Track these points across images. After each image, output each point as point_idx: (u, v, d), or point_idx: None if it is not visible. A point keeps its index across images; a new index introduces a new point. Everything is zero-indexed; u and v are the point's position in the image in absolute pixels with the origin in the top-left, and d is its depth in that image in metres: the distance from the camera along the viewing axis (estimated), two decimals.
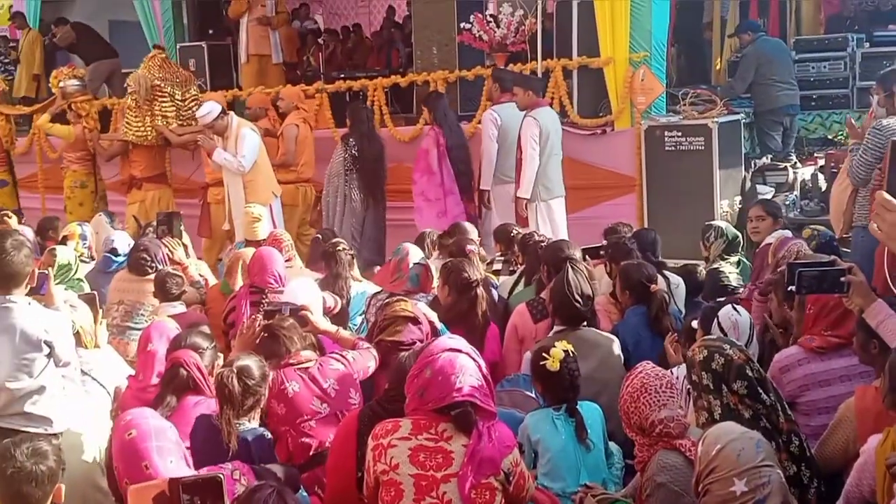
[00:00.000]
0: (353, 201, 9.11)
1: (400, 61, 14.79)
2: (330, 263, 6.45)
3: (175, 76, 10.62)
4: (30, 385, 4.21)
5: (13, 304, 4.25)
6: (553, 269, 5.64)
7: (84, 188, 11.42)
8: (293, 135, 9.72)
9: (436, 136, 8.91)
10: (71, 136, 11.34)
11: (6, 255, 4.25)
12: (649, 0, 8.97)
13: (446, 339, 3.69)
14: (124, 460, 3.39)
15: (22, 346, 4.20)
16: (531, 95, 8.30)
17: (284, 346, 4.44)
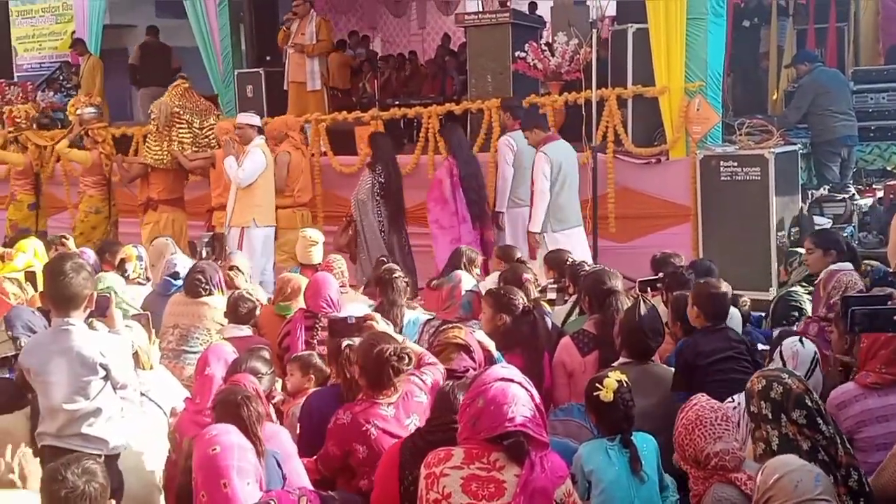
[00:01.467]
0: (383, 227, 9.40)
1: (454, 89, 14.88)
2: (385, 290, 6.43)
3: (195, 105, 10.90)
4: (86, 407, 4.25)
5: (72, 326, 4.30)
6: (594, 300, 5.61)
7: (98, 213, 11.73)
8: (285, 161, 9.99)
9: (449, 167, 9.16)
10: (87, 162, 11.66)
11: (65, 277, 4.31)
12: (705, 29, 8.95)
13: (499, 369, 3.68)
14: (204, 474, 3.41)
15: (78, 369, 4.24)
16: (539, 133, 8.60)
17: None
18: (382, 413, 4.28)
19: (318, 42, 12.12)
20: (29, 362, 4.34)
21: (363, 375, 4.34)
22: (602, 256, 8.70)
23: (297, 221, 9.95)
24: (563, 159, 8.55)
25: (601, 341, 5.34)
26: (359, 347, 4.44)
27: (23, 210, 12.60)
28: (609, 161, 9.30)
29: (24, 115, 12.96)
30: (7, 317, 5.42)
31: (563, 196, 8.56)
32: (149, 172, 10.72)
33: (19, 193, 12.69)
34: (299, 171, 10.11)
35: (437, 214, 9.18)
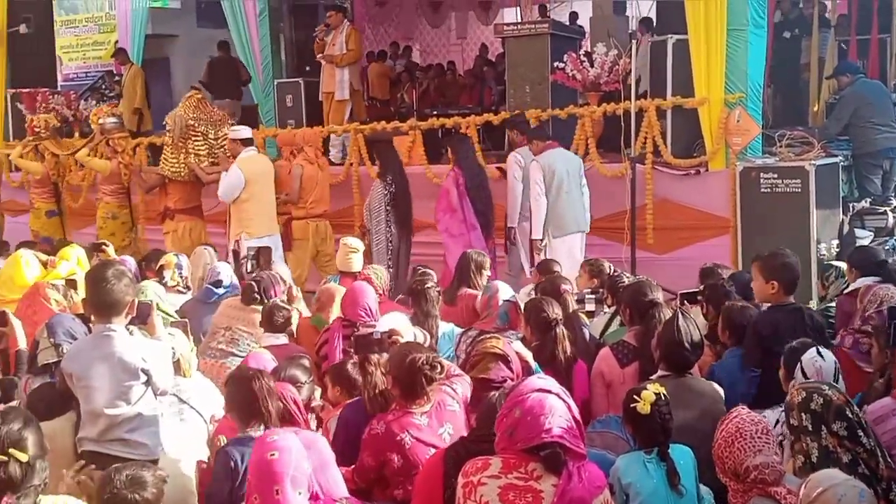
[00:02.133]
0: (391, 236, 9.49)
1: (492, 99, 14.90)
2: (419, 301, 6.42)
3: (210, 116, 10.99)
4: (127, 412, 4.31)
5: (113, 332, 4.36)
6: (635, 311, 5.59)
7: (115, 219, 11.95)
8: (298, 174, 10.14)
9: (455, 177, 9.17)
10: (106, 170, 11.87)
11: (107, 283, 4.37)
12: (745, 40, 8.90)
13: (536, 380, 3.67)
14: (259, 477, 3.42)
15: (120, 374, 4.30)
16: (537, 144, 8.86)
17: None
18: (416, 422, 4.29)
19: (348, 52, 12.17)
20: (71, 368, 4.40)
21: (396, 385, 4.36)
22: (640, 268, 8.67)
23: (310, 233, 10.13)
24: (558, 167, 8.70)
25: (641, 353, 5.31)
26: (391, 358, 4.46)
27: (41, 218, 12.88)
28: (648, 172, 9.26)
29: (44, 125, 13.17)
30: (49, 323, 5.49)
31: (560, 203, 8.72)
32: (166, 183, 10.90)
33: (37, 201, 12.98)
34: (313, 184, 10.22)
35: (447, 223, 9.19)
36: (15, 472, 3.41)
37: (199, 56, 19.25)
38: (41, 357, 5.32)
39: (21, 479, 3.41)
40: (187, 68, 19.56)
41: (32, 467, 3.45)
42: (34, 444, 3.50)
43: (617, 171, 9.35)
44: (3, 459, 3.40)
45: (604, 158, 9.58)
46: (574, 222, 8.86)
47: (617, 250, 9.08)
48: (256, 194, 9.67)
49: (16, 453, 3.41)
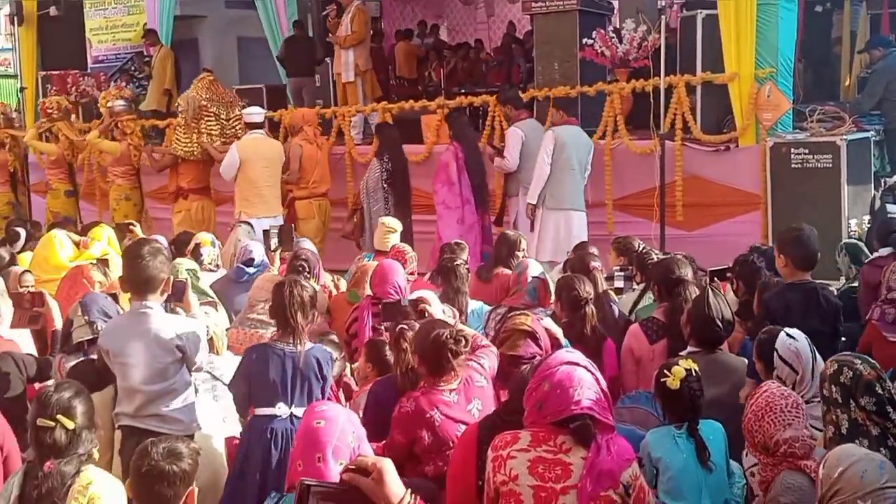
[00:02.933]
0: (388, 214, 9.57)
1: (521, 77, 14.85)
2: (449, 278, 6.45)
3: (221, 97, 11.20)
4: (163, 387, 4.38)
5: (149, 310, 4.43)
6: (664, 288, 5.60)
7: (128, 200, 12.14)
8: (297, 154, 10.33)
9: (455, 151, 9.49)
10: (117, 152, 12.02)
11: (143, 260, 4.44)
12: (776, 15, 8.84)
13: (564, 353, 3.68)
14: (304, 445, 3.46)
15: (156, 351, 4.37)
16: (561, 114, 9.14)
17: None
18: (445, 399, 4.32)
19: (352, 33, 12.13)
20: (108, 344, 4.48)
21: (423, 363, 4.38)
22: (670, 245, 8.65)
23: (315, 212, 10.35)
24: (569, 142, 8.88)
25: (670, 329, 5.32)
26: (415, 336, 4.48)
27: (60, 198, 13.05)
28: (677, 149, 9.22)
29: (56, 106, 13.26)
30: (83, 302, 5.54)
31: (564, 177, 8.89)
32: (178, 163, 11.09)
33: (54, 182, 13.14)
34: (314, 163, 10.40)
35: (444, 196, 9.48)
36: (60, 438, 3.53)
37: (228, 36, 19.30)
38: (76, 335, 5.38)
39: (66, 446, 3.53)
40: (216, 49, 19.57)
41: (78, 436, 3.56)
42: (83, 415, 3.60)
43: (646, 147, 9.31)
44: (51, 424, 3.52)
45: (633, 135, 9.55)
46: (574, 199, 9.01)
47: (646, 227, 9.07)
48: (251, 176, 9.97)
49: (63, 420, 3.53)
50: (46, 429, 3.54)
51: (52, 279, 7.00)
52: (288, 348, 4.41)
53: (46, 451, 3.54)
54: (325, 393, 4.53)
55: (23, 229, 9.28)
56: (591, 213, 9.69)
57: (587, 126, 9.89)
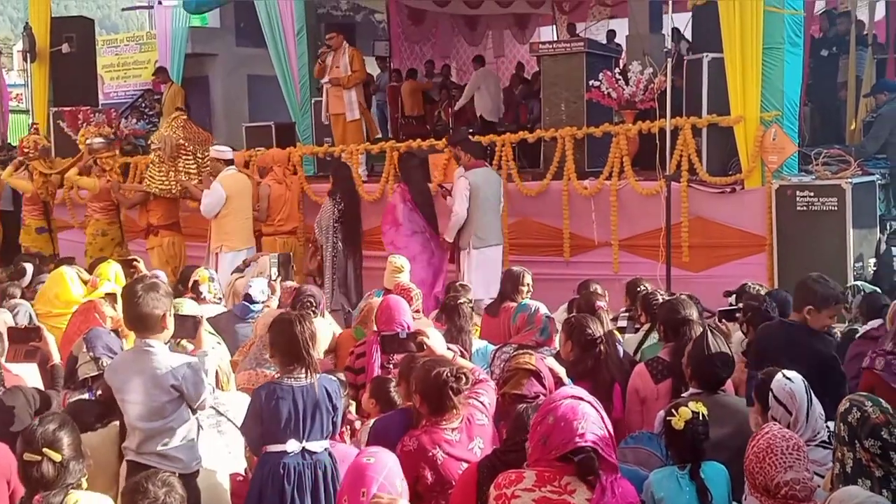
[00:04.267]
0: (338, 251, 10.06)
1: (528, 117, 14.92)
2: (452, 316, 6.48)
3: (196, 136, 11.39)
4: (160, 426, 4.37)
5: (150, 348, 4.43)
6: (669, 329, 5.63)
7: (105, 236, 12.32)
8: (265, 193, 10.84)
9: (402, 192, 9.86)
10: (96, 188, 12.25)
11: (137, 297, 4.44)
12: (781, 59, 8.89)
13: (568, 389, 3.71)
14: (352, 479, 3.48)
15: (152, 390, 4.36)
16: (470, 158, 9.59)
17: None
18: (448, 437, 4.31)
19: (353, 73, 12.33)
20: (112, 381, 4.49)
21: (424, 403, 4.37)
22: (675, 285, 8.67)
23: (278, 248, 10.56)
24: (482, 184, 9.45)
25: (675, 370, 5.32)
26: (415, 375, 4.48)
27: (31, 234, 13.27)
28: (683, 190, 9.26)
29: (33, 145, 13.45)
30: (87, 337, 5.57)
31: (482, 217, 9.44)
32: (149, 200, 11.34)
33: (27, 218, 13.35)
34: (281, 203, 10.86)
35: (392, 237, 9.81)
36: (48, 471, 3.59)
37: (238, 74, 19.49)
38: (81, 371, 5.40)
39: (54, 478, 3.58)
40: (226, 86, 19.78)
41: (66, 468, 3.60)
42: (69, 446, 3.65)
43: (652, 188, 9.35)
44: (37, 458, 3.56)
45: (639, 176, 9.59)
46: (494, 235, 9.61)
47: (651, 268, 9.09)
48: (235, 210, 10.31)
49: (50, 453, 3.57)
50: (33, 463, 3.60)
51: (61, 314, 7.05)
52: (296, 383, 4.40)
53: (35, 485, 3.59)
54: (337, 424, 4.53)
55: (30, 264, 9.33)
56: (596, 254, 9.78)
57: (593, 166, 9.98)
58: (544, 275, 8.77)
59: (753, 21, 8.81)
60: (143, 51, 20.17)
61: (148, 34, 20.93)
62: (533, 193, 10.15)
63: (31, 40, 13.58)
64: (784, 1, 8.79)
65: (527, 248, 10.23)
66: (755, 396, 4.49)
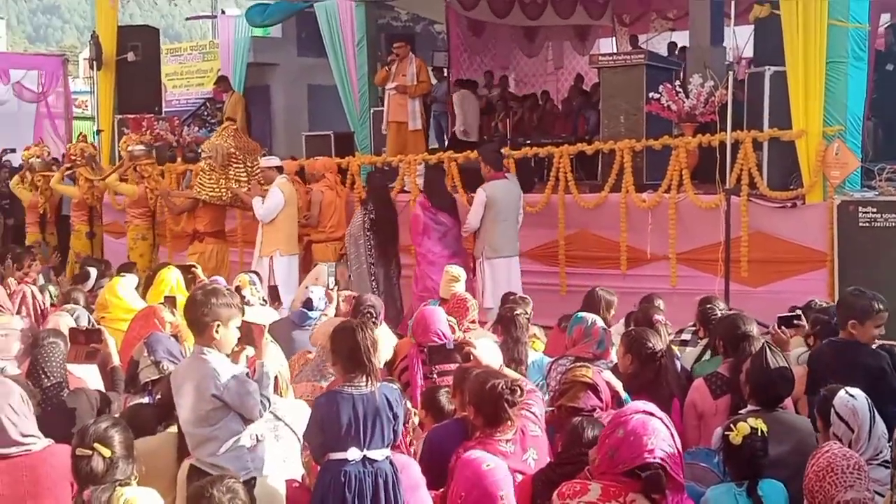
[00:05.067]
0: (372, 261, 10.22)
1: (586, 128, 14.89)
2: (509, 328, 6.48)
3: (246, 146, 11.59)
4: (206, 433, 4.38)
5: (203, 356, 4.45)
6: (728, 345, 5.58)
7: (145, 240, 12.71)
8: (318, 200, 11.06)
9: (422, 203, 10.05)
10: (135, 195, 12.65)
11: (193, 304, 4.48)
12: (845, 73, 8.78)
13: (640, 403, 3.69)
14: (474, 487, 3.52)
15: (197, 398, 4.39)
16: (490, 170, 9.75)
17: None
18: (502, 449, 4.30)
19: (419, 83, 12.46)
20: (173, 384, 4.55)
21: (479, 414, 4.38)
22: (734, 300, 8.57)
23: (330, 254, 10.80)
24: (500, 196, 9.61)
25: (734, 385, 5.28)
26: (469, 386, 4.49)
27: (82, 238, 13.70)
28: (743, 204, 9.17)
29: (80, 153, 13.82)
30: (148, 342, 5.66)
31: (496, 229, 9.61)
32: (197, 206, 11.49)
33: (77, 224, 13.78)
34: (332, 209, 11.06)
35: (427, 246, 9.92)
36: (98, 466, 3.71)
37: (299, 83, 19.69)
38: (143, 375, 5.49)
39: (103, 473, 3.67)
40: (287, 95, 20.01)
41: (115, 464, 3.71)
42: (120, 444, 3.75)
43: (711, 202, 9.28)
44: (88, 453, 3.66)
45: (698, 189, 9.52)
46: (509, 246, 9.72)
47: (710, 282, 9.01)
48: (290, 215, 10.62)
49: (100, 448, 3.68)
50: (84, 457, 3.71)
51: (122, 318, 7.17)
52: (357, 391, 4.41)
53: (85, 480, 3.70)
54: (398, 431, 4.56)
55: (94, 268, 9.50)
56: (653, 267, 9.71)
57: (651, 179, 9.92)
58: (598, 285, 8.74)
59: (817, 34, 8.71)
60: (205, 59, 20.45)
61: (211, 43, 21.23)
62: (590, 206, 10.11)
63: (97, 48, 13.83)
64: (848, 14, 8.69)
65: (583, 261, 10.20)
66: (817, 413, 4.45)
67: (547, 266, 10.44)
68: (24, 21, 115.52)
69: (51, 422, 4.72)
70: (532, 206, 10.37)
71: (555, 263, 10.37)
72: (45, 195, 14.42)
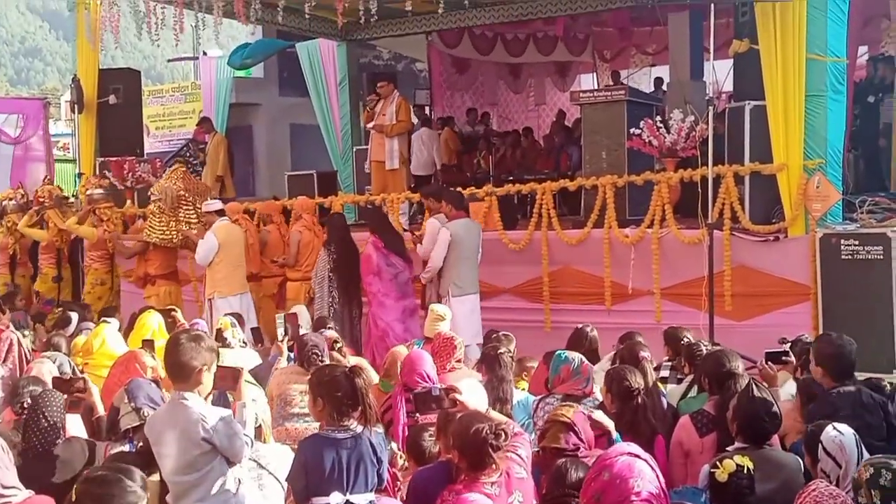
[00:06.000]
0: (334, 301, 10.26)
1: (569, 164, 14.94)
2: (493, 366, 6.43)
3: (196, 187, 11.72)
4: (193, 479, 4.34)
5: (184, 401, 4.41)
6: (713, 382, 5.55)
7: (103, 285, 12.81)
8: (296, 240, 11.15)
9: (374, 242, 10.05)
10: (93, 238, 12.70)
11: (175, 349, 4.45)
12: (825, 106, 8.83)
13: (624, 445, 3.67)
14: None
15: (185, 444, 4.34)
16: (451, 209, 9.87)
17: None
18: (487, 492, 4.25)
19: (398, 122, 12.41)
20: (149, 434, 4.50)
21: (463, 458, 4.33)
22: (719, 335, 8.57)
23: (303, 294, 10.92)
24: (463, 234, 9.74)
25: (721, 423, 5.25)
26: (454, 430, 4.43)
27: (48, 282, 13.64)
28: (726, 238, 9.19)
29: (48, 195, 13.94)
30: (128, 389, 5.58)
31: (462, 266, 9.72)
32: (147, 250, 11.63)
33: (45, 267, 13.72)
34: (310, 249, 11.09)
35: (377, 286, 9.99)
36: None
37: (281, 123, 19.72)
38: (123, 422, 5.41)
39: None
40: (269, 135, 20.03)
41: None
42: None
43: (694, 237, 9.29)
44: None
45: (681, 224, 9.54)
46: (472, 284, 9.83)
47: (694, 317, 9.00)
48: (227, 258, 10.58)
49: None
50: None
51: (103, 365, 7.11)
52: (340, 435, 4.38)
53: None
54: (383, 476, 4.51)
55: (76, 313, 9.43)
56: (638, 303, 9.70)
57: (634, 215, 9.94)
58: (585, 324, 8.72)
59: (796, 69, 8.78)
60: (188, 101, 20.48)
61: (193, 84, 21.28)
62: (573, 242, 10.12)
63: (78, 91, 13.81)
64: (826, 48, 8.75)
65: (567, 297, 10.20)
66: (805, 448, 4.43)
67: (531, 303, 10.42)
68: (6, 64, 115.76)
69: (34, 470, 4.66)
70: (515, 242, 10.37)
71: (539, 300, 10.36)
72: (14, 236, 14.38)
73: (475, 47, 17.96)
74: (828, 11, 8.73)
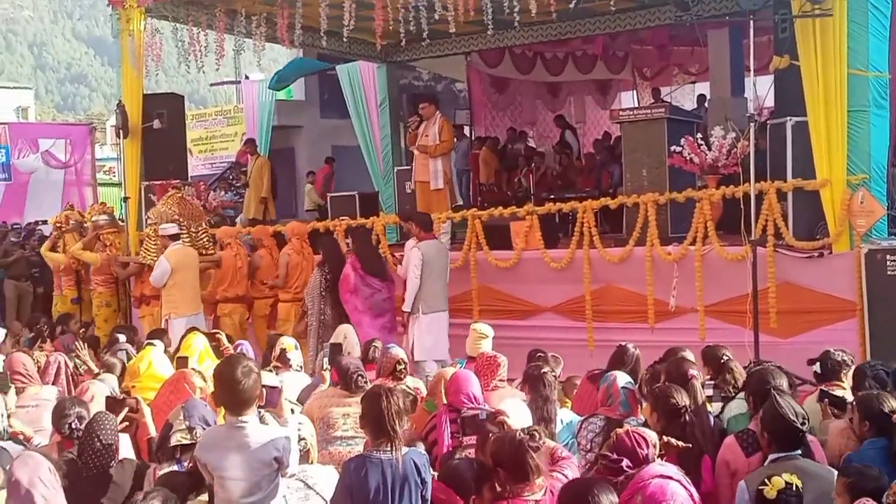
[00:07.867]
0: (325, 318, 10.43)
1: (610, 182, 14.92)
2: (537, 386, 6.41)
3: (190, 211, 12.05)
4: (258, 498, 4.39)
5: (245, 424, 4.47)
6: (758, 399, 5.51)
7: (108, 307, 13.00)
8: (284, 262, 11.54)
9: (352, 262, 10.37)
10: (97, 262, 12.93)
11: (239, 385, 4.47)
12: (867, 121, 8.79)
13: (656, 466, 3.67)
14: None
15: (255, 465, 4.39)
16: (420, 231, 10.24)
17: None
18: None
19: (441, 143, 12.42)
20: (206, 458, 4.51)
21: (504, 469, 4.31)
22: (764, 352, 8.52)
23: (293, 315, 11.34)
24: (433, 255, 10.11)
25: None
26: (490, 449, 4.44)
27: (67, 304, 13.81)
28: (769, 255, 9.14)
29: (65, 220, 14.14)
30: (185, 406, 5.64)
31: (432, 285, 10.06)
32: (143, 271, 12.00)
33: (65, 289, 13.95)
34: (298, 271, 11.49)
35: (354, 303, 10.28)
36: None
37: (323, 145, 19.86)
38: (174, 438, 5.47)
39: None
40: (311, 157, 20.16)
41: None
42: None
43: (737, 254, 9.25)
44: None
45: (723, 241, 9.50)
46: (441, 302, 10.19)
47: (738, 334, 8.95)
48: (180, 280, 11.00)
49: None
50: None
51: (152, 388, 7.18)
52: (385, 456, 4.41)
53: None
54: (427, 497, 4.53)
55: (123, 335, 9.54)
56: (682, 320, 9.66)
57: (676, 232, 9.91)
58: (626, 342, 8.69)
59: (837, 84, 8.74)
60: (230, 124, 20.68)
61: (235, 108, 21.49)
62: (615, 260, 10.11)
63: (123, 117, 13.96)
64: (868, 64, 8.71)
65: (610, 315, 10.18)
66: None
67: (574, 321, 10.41)
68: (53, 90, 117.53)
69: (87, 491, 4.73)
70: (557, 261, 10.37)
71: (582, 318, 10.34)
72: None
73: (516, 66, 17.98)
74: (869, 27, 8.71)
